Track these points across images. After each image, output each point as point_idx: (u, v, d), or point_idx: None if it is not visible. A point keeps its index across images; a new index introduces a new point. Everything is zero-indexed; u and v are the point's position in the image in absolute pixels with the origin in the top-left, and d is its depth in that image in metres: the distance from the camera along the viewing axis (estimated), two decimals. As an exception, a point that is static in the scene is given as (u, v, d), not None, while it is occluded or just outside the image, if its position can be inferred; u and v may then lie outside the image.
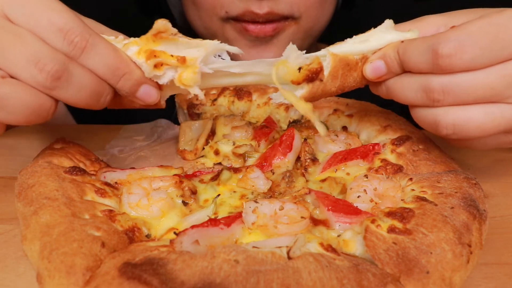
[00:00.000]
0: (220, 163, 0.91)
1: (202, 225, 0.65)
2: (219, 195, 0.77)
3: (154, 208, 0.73)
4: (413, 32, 0.78)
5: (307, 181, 0.82)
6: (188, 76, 0.77)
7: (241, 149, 0.92)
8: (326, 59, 0.78)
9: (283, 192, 0.79)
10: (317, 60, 0.77)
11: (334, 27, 1.44)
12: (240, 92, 1.12)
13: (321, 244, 0.63)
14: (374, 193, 0.74)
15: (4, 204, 0.82)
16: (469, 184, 0.74)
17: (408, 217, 0.66)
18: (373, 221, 0.65)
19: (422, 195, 0.72)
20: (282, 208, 0.69)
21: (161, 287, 0.53)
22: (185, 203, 0.75)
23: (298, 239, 0.62)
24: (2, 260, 0.68)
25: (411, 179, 0.77)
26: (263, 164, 0.86)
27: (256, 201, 0.70)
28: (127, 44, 0.76)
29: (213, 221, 0.66)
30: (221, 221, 0.66)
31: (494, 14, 0.68)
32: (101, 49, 0.71)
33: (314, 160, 0.87)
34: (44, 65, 0.66)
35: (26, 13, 0.68)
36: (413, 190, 0.74)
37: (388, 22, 0.80)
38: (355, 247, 0.65)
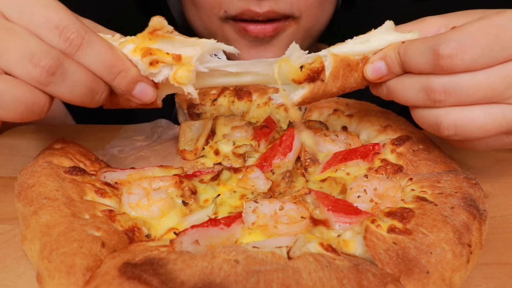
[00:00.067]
0: (220, 163, 0.91)
1: (202, 225, 0.65)
2: (219, 195, 0.77)
3: (154, 208, 0.73)
4: (414, 33, 0.78)
5: (307, 181, 0.82)
6: (183, 74, 0.76)
7: (241, 149, 0.92)
8: (327, 60, 0.78)
9: (283, 192, 0.79)
10: (319, 59, 0.77)
11: (334, 27, 1.44)
12: (240, 92, 1.12)
13: (321, 244, 0.63)
14: (374, 193, 0.74)
15: (4, 204, 0.82)
16: (469, 184, 0.74)
17: (408, 217, 0.66)
18: (373, 221, 0.65)
19: (422, 195, 0.72)
20: (282, 208, 0.69)
21: (161, 287, 0.53)
22: (185, 203, 0.75)
23: (298, 239, 0.62)
24: (2, 260, 0.68)
25: (411, 179, 0.77)
26: (263, 164, 0.85)
27: (256, 201, 0.70)
28: (123, 42, 0.76)
29: (213, 221, 0.66)
30: (221, 221, 0.66)
31: (494, 15, 0.68)
32: (97, 47, 0.71)
33: (314, 160, 0.87)
34: (39, 61, 0.66)
35: (22, 10, 0.68)
36: (413, 190, 0.74)
37: (388, 23, 0.80)
38: (355, 247, 0.65)
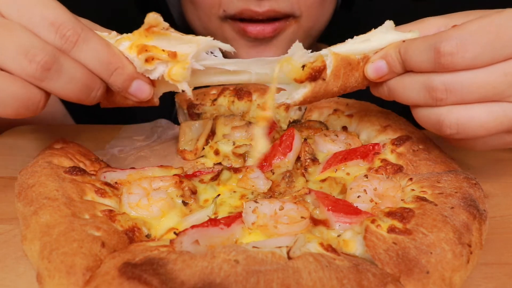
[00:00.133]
0: (220, 163, 0.91)
1: (202, 225, 0.65)
2: (219, 195, 0.77)
3: (154, 208, 0.73)
4: (414, 33, 0.78)
5: (307, 181, 0.82)
6: (178, 71, 0.76)
7: (241, 149, 0.92)
8: (328, 58, 0.78)
9: (283, 192, 0.79)
10: (321, 58, 0.77)
11: (334, 27, 1.44)
12: (240, 92, 1.12)
13: (321, 244, 0.63)
14: (374, 193, 0.74)
15: (4, 204, 0.82)
16: (469, 184, 0.74)
17: (408, 217, 0.66)
18: (373, 221, 0.65)
19: (422, 195, 0.72)
20: (282, 208, 0.69)
21: (161, 287, 0.53)
22: (185, 203, 0.75)
23: (298, 239, 0.62)
24: (2, 260, 0.68)
25: (411, 179, 0.77)
26: (263, 164, 0.86)
27: (256, 201, 0.70)
28: (120, 40, 0.76)
29: (213, 221, 0.66)
30: (221, 221, 0.66)
31: (494, 14, 0.68)
32: (93, 43, 0.71)
33: (314, 160, 0.87)
34: (34, 56, 0.67)
35: (19, 8, 0.68)
36: (413, 190, 0.74)
37: (388, 23, 0.80)
38: (355, 247, 0.65)
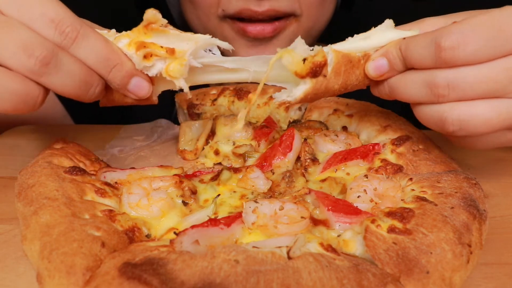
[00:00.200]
0: (220, 163, 0.91)
1: (202, 225, 0.65)
2: (219, 195, 0.77)
3: (154, 208, 0.73)
4: (414, 31, 0.77)
5: (307, 181, 0.82)
6: (175, 67, 0.76)
7: (241, 149, 0.92)
8: (329, 56, 0.77)
9: (283, 192, 0.79)
10: (322, 53, 0.76)
11: (334, 27, 1.44)
12: (240, 92, 1.12)
13: (321, 244, 0.63)
14: (374, 193, 0.74)
15: (4, 204, 0.82)
16: (469, 184, 0.74)
17: (408, 217, 0.66)
18: (373, 221, 0.65)
19: (422, 195, 0.72)
20: (282, 208, 0.69)
21: (161, 287, 0.53)
22: (185, 203, 0.75)
23: (298, 239, 0.62)
24: (2, 260, 0.68)
25: (411, 179, 0.77)
26: (263, 164, 0.85)
27: (256, 201, 0.70)
28: (118, 37, 0.76)
29: (213, 221, 0.66)
30: (221, 221, 0.66)
31: (495, 11, 0.68)
32: (92, 40, 0.72)
33: (314, 160, 0.87)
34: (33, 51, 0.67)
35: (19, 6, 0.69)
36: (413, 190, 0.74)
37: (388, 22, 0.80)
38: (355, 247, 0.65)
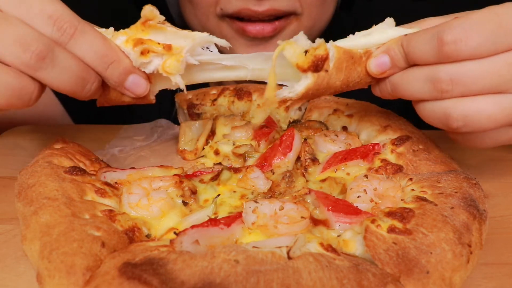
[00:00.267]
0: (220, 163, 0.91)
1: (202, 225, 0.65)
2: (219, 195, 0.77)
3: (154, 208, 0.73)
4: (414, 29, 0.77)
5: (307, 181, 0.82)
6: (171, 63, 0.76)
7: (241, 149, 0.92)
8: (330, 51, 0.76)
9: (283, 192, 0.79)
10: (324, 46, 0.75)
11: (334, 27, 1.43)
12: (240, 92, 1.12)
13: (321, 244, 0.63)
14: (374, 193, 0.74)
15: (4, 204, 0.82)
16: (469, 184, 0.74)
17: (408, 217, 0.66)
18: (373, 221, 0.65)
19: (422, 195, 0.72)
20: (282, 208, 0.69)
21: (161, 287, 0.53)
22: (185, 203, 0.75)
23: (298, 239, 0.62)
24: (2, 260, 0.68)
25: (411, 179, 0.77)
26: (263, 164, 0.85)
27: (256, 201, 0.70)
28: (116, 34, 0.76)
29: (213, 221, 0.66)
30: (221, 221, 0.66)
31: (496, 7, 0.68)
32: (90, 36, 0.72)
33: (314, 160, 0.87)
34: (29, 46, 0.67)
35: (18, 3, 0.69)
36: (413, 190, 0.74)
37: (388, 20, 0.79)
38: (355, 247, 0.65)
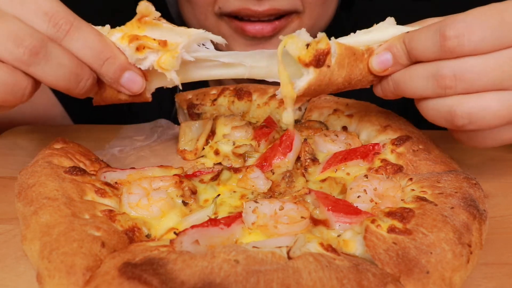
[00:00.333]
0: (220, 163, 0.91)
1: (202, 225, 0.65)
2: (219, 195, 0.77)
3: (154, 208, 0.73)
4: (415, 28, 0.77)
5: (307, 181, 0.82)
6: (167, 59, 0.76)
7: (241, 149, 0.92)
8: (332, 47, 0.76)
9: (283, 192, 0.79)
10: (326, 40, 0.75)
11: (334, 27, 1.43)
12: (240, 92, 1.12)
13: (321, 244, 0.63)
14: (374, 193, 0.74)
15: (4, 204, 0.82)
16: (469, 184, 0.74)
17: (408, 217, 0.66)
18: (373, 221, 0.65)
19: (422, 195, 0.72)
20: (282, 208, 0.69)
21: (161, 287, 0.53)
22: (185, 203, 0.75)
23: (298, 239, 0.62)
24: (2, 260, 0.68)
25: (411, 179, 0.77)
26: (263, 164, 0.85)
27: (256, 201, 0.70)
28: (112, 31, 0.76)
29: (213, 221, 0.66)
30: (221, 221, 0.66)
31: (498, 3, 0.68)
32: (86, 33, 0.72)
33: (314, 160, 0.87)
34: (22, 41, 0.67)
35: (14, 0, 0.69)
36: (413, 190, 0.74)
37: (390, 19, 0.79)
38: (355, 247, 0.65)
